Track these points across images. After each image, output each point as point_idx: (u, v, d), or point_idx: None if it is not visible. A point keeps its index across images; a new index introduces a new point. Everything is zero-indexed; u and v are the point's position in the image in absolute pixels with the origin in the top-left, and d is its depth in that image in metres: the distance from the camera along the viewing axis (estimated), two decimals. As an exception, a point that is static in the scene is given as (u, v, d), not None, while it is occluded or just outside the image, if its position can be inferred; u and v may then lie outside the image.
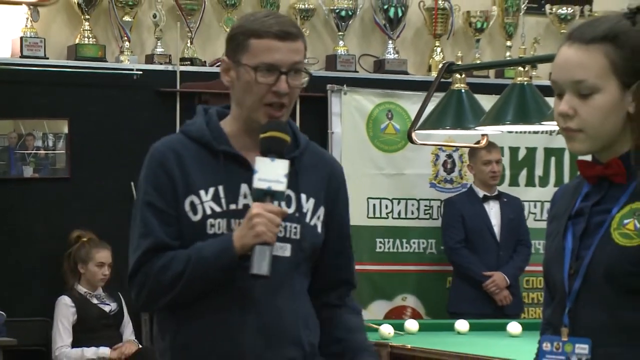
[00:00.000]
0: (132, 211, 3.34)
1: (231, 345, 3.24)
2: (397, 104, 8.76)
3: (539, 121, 6.45)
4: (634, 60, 2.83)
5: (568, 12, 9.30)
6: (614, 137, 2.87)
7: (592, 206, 2.91)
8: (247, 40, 3.27)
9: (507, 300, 8.39)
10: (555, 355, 2.91)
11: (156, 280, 3.22)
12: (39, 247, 8.12)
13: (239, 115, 3.34)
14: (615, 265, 2.81)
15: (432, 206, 8.92)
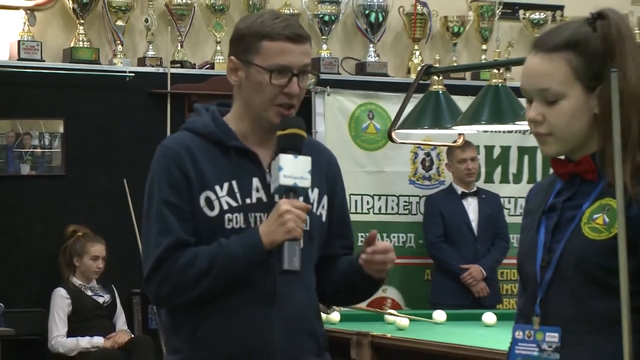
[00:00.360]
0: (145, 208, 3.22)
1: (258, 339, 3.15)
2: (377, 104, 8.77)
3: (512, 121, 6.46)
4: (595, 66, 2.83)
5: (540, 18, 9.33)
6: (583, 138, 2.88)
7: (564, 202, 2.92)
8: (259, 42, 3.20)
9: (483, 292, 8.40)
10: (527, 343, 2.92)
11: (180, 277, 3.11)
12: (35, 241, 8.12)
13: (246, 113, 3.26)
14: (585, 258, 2.82)
15: (411, 202, 8.92)
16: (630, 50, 2.83)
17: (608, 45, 2.83)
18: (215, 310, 3.13)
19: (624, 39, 2.84)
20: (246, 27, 3.24)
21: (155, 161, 3.22)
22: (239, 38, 3.25)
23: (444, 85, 6.86)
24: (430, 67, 6.89)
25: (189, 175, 3.15)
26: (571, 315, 2.86)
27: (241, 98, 3.26)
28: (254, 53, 3.20)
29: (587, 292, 2.83)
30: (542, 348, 2.89)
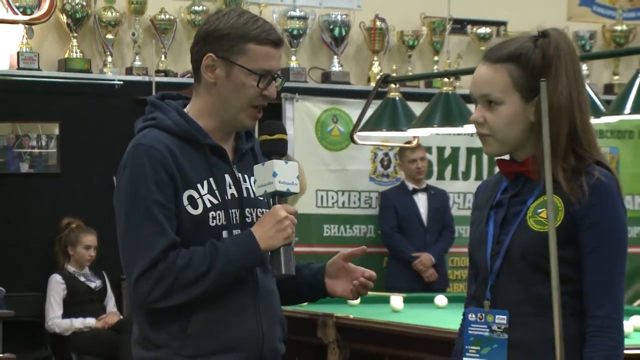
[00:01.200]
0: (124, 207, 2.94)
1: (248, 331, 2.96)
2: (341, 109, 8.78)
3: (461, 124, 6.49)
4: (533, 78, 2.86)
5: (486, 32, 9.34)
6: (520, 141, 2.92)
7: (510, 198, 2.95)
8: (246, 44, 2.95)
9: (433, 277, 8.43)
10: (479, 325, 2.93)
11: (177, 279, 2.86)
12: (33, 232, 8.11)
13: (216, 110, 3.01)
14: (530, 248, 2.85)
15: (371, 197, 8.94)
16: (565, 67, 2.86)
17: (546, 61, 2.87)
18: (205, 307, 2.91)
19: (560, 57, 2.87)
20: (229, 27, 2.97)
21: (136, 161, 2.93)
22: (220, 37, 2.97)
23: (400, 93, 6.88)
24: (388, 76, 6.91)
25: (173, 175, 2.91)
26: (518, 299, 2.88)
27: (214, 95, 3.00)
28: (239, 54, 2.95)
29: (532, 278, 2.85)
30: (493, 329, 2.91)
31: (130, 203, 2.92)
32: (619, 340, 2.83)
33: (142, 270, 2.87)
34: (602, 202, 2.81)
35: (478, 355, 2.93)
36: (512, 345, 2.88)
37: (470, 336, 2.95)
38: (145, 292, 2.88)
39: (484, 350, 2.92)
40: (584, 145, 2.88)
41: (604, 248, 2.81)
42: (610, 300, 2.83)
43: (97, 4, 8.38)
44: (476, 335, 2.94)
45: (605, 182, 2.82)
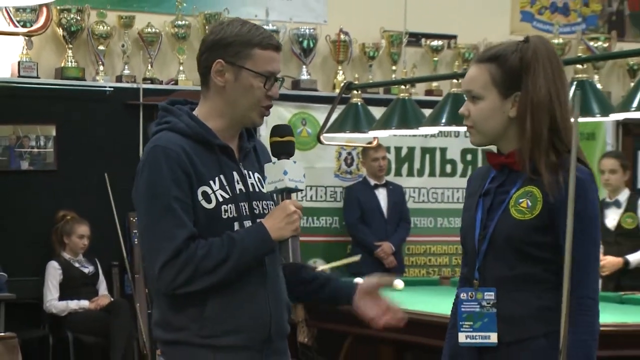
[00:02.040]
0: (146, 203, 2.91)
1: (258, 314, 2.94)
2: (309, 113, 8.79)
3: (416, 126, 6.52)
4: (509, 78, 2.91)
5: (438, 44, 9.36)
6: (498, 134, 2.95)
7: (496, 187, 2.98)
8: (252, 49, 2.93)
9: (392, 264, 8.44)
10: (470, 302, 2.96)
11: (198, 267, 2.83)
12: (33, 223, 8.08)
13: (226, 112, 2.98)
14: (512, 234, 2.89)
15: (336, 192, 8.94)
16: (544, 68, 2.89)
17: (524, 63, 2.90)
18: (220, 292, 2.89)
19: (538, 59, 2.90)
20: (235, 34, 2.94)
21: (155, 161, 2.90)
22: (227, 44, 2.93)
23: (362, 98, 6.91)
24: (351, 83, 6.93)
25: (188, 173, 2.88)
26: (503, 277, 2.92)
27: (224, 98, 2.97)
28: (245, 59, 2.93)
29: (515, 259, 2.89)
30: (482, 305, 2.94)
31: (151, 199, 2.89)
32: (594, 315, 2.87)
33: (166, 259, 2.85)
34: (577, 197, 2.81)
35: (472, 330, 2.96)
36: (501, 318, 2.91)
37: (463, 313, 2.98)
38: (169, 279, 2.85)
39: (476, 324, 2.95)
40: (564, 140, 2.89)
41: (579, 237, 2.77)
42: (587, 281, 2.85)
43: (90, 19, 8.35)
44: (468, 312, 2.97)
45: (581, 177, 2.81)
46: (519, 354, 2.89)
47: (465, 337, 2.97)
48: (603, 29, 9.95)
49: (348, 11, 9.08)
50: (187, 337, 2.90)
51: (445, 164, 9.27)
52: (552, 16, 9.84)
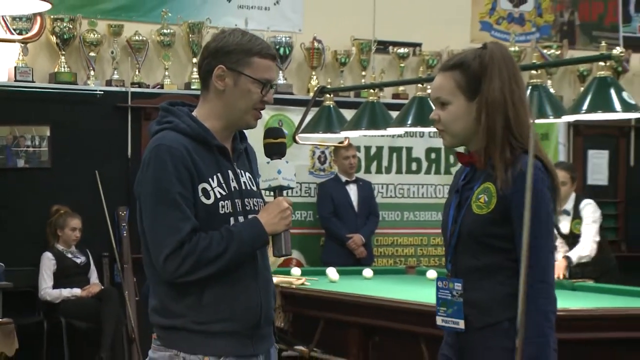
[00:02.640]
0: (152, 198, 2.90)
1: (250, 303, 2.95)
2: (285, 115, 8.79)
3: (384, 127, 6.54)
4: (473, 82, 2.93)
5: (404, 52, 9.38)
6: (469, 135, 2.96)
7: (464, 185, 3.01)
8: (251, 57, 2.95)
9: (363, 254, 8.46)
10: (445, 290, 3.01)
11: (200, 257, 2.85)
12: (28, 217, 8.05)
13: (224, 114, 3.00)
14: (474, 228, 2.92)
15: (310, 187, 8.95)
16: (499, 71, 2.92)
17: (483, 67, 2.92)
18: (216, 283, 2.90)
19: (495, 63, 2.93)
20: (237, 43, 2.95)
21: (159, 158, 2.89)
22: (228, 51, 2.95)
23: (334, 101, 6.93)
24: (324, 88, 6.96)
25: (190, 170, 2.89)
26: (470, 268, 2.95)
27: (223, 100, 2.98)
28: (245, 66, 2.95)
29: (479, 251, 2.92)
30: (453, 294, 2.98)
31: (157, 195, 2.89)
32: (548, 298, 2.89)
33: (171, 250, 2.86)
34: (524, 188, 2.82)
35: (445, 315, 3.01)
36: (469, 304, 2.94)
37: (439, 299, 3.02)
38: (173, 269, 2.87)
39: (449, 310, 3.00)
40: (517, 138, 2.91)
41: (533, 227, 2.77)
42: (540, 268, 2.87)
43: (82, 27, 8.34)
44: (443, 299, 3.02)
45: (534, 172, 2.83)
46: (487, 337, 2.92)
47: (441, 320, 3.02)
48: (555, 37, 10.00)
49: (321, 21, 9.08)
50: (184, 324, 2.91)
51: (411, 162, 9.30)
52: (509, 26, 9.88)
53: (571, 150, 9.81)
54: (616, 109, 4.96)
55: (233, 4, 8.92)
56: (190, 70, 8.62)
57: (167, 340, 2.95)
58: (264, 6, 9.03)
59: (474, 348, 2.95)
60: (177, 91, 8.40)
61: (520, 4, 9.96)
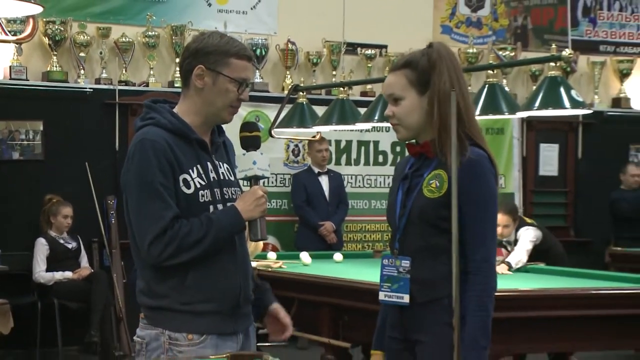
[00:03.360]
0: (137, 188, 2.89)
1: (230, 283, 2.94)
2: (262, 111, 8.77)
3: (353, 122, 6.54)
4: (423, 77, 2.95)
5: (372, 53, 9.40)
6: (421, 127, 2.98)
7: (412, 172, 3.02)
8: (229, 58, 2.93)
9: (333, 240, 8.47)
10: (390, 268, 3.01)
11: (181, 243, 2.84)
12: (23, 205, 8.02)
13: (202, 110, 2.98)
14: (425, 210, 2.93)
15: (285, 178, 8.94)
16: (447, 66, 2.94)
17: (431, 63, 2.95)
18: (198, 266, 2.90)
19: (442, 59, 2.95)
20: (215, 45, 2.94)
21: (144, 152, 2.88)
22: (208, 52, 2.94)
23: (307, 99, 6.91)
24: (298, 86, 6.93)
25: (172, 162, 2.87)
26: (418, 247, 2.96)
27: (202, 98, 2.96)
28: (224, 66, 2.93)
29: (427, 232, 2.93)
30: (399, 271, 2.98)
31: (141, 185, 2.88)
32: (490, 277, 2.91)
33: (154, 236, 2.85)
34: (472, 175, 2.88)
35: (390, 290, 3.01)
36: (415, 281, 2.96)
37: (384, 276, 3.02)
38: (157, 254, 2.86)
39: (394, 286, 2.99)
40: (467, 128, 2.94)
41: (478, 210, 2.88)
42: (484, 248, 2.90)
43: (72, 29, 8.30)
44: (388, 275, 3.01)
45: (475, 159, 2.89)
46: (429, 311, 2.95)
47: (384, 295, 3.03)
48: (510, 40, 10.04)
49: (295, 24, 9.08)
50: (169, 304, 2.91)
51: (378, 155, 9.32)
52: (467, 29, 9.91)
53: (524, 144, 9.86)
54: (565, 106, 4.99)
55: (213, 8, 8.90)
56: (173, 70, 8.60)
57: (154, 319, 2.94)
58: (242, 10, 9.02)
59: (417, 322, 2.97)
60: (161, 89, 8.38)
61: (478, 9, 9.99)
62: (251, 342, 3.07)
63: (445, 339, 2.81)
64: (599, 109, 10.02)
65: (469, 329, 2.83)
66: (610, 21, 10.54)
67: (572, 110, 5.11)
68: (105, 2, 8.52)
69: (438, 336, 2.91)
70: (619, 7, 10.58)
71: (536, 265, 6.24)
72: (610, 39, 10.53)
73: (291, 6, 9.11)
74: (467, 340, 2.82)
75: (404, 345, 3.03)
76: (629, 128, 10.23)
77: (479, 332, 2.85)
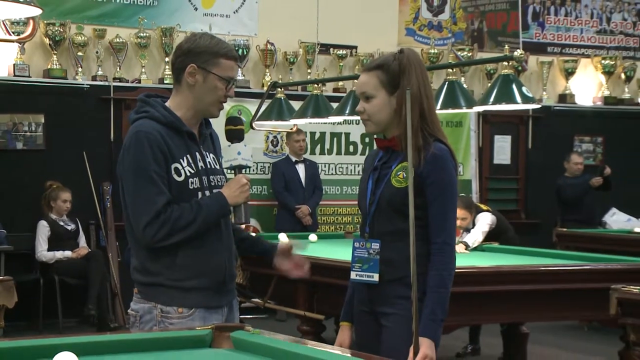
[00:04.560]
0: (132, 176, 2.87)
1: (217, 262, 2.95)
2: (244, 105, 8.75)
3: (326, 116, 6.54)
4: (393, 80, 2.96)
5: (343, 53, 9.39)
6: (388, 123, 2.99)
7: (382, 164, 3.03)
8: (219, 58, 2.92)
9: (309, 222, 8.47)
10: (361, 250, 3.01)
11: (174, 225, 2.84)
12: (27, 190, 7.96)
13: (192, 105, 2.96)
14: (393, 198, 2.94)
15: (265, 166, 8.93)
16: (415, 71, 2.96)
17: (401, 68, 2.96)
18: (189, 245, 2.90)
19: (411, 64, 2.96)
20: (205, 46, 2.92)
21: (139, 143, 2.87)
22: (199, 52, 2.92)
23: (285, 94, 6.89)
24: (276, 83, 6.92)
25: (165, 153, 2.86)
26: (386, 231, 2.97)
27: (193, 94, 2.95)
28: (213, 66, 2.92)
29: (395, 217, 2.95)
30: (370, 252, 2.99)
31: (137, 173, 2.87)
32: (450, 257, 2.94)
33: (149, 220, 2.84)
34: (436, 167, 2.91)
35: (360, 270, 3.01)
36: (383, 262, 2.97)
37: (355, 257, 3.03)
38: (151, 235, 2.86)
39: (364, 266, 2.99)
40: (429, 126, 2.96)
41: (440, 198, 2.91)
42: (445, 232, 2.93)
43: (71, 31, 8.25)
44: (359, 257, 3.01)
45: (438, 154, 2.93)
46: (395, 288, 2.96)
47: (355, 275, 3.03)
48: (467, 42, 10.06)
49: (273, 27, 9.05)
50: (162, 281, 2.91)
51: (349, 145, 9.32)
52: (429, 32, 9.92)
53: (480, 135, 9.90)
54: (517, 101, 5.00)
55: (199, 12, 8.87)
56: (163, 68, 8.57)
57: (147, 294, 2.94)
58: (225, 14, 8.99)
59: (382, 297, 2.99)
60: (152, 85, 8.34)
61: (439, 14, 10.00)
62: (235, 314, 3.07)
63: (407, 312, 2.83)
64: (547, 104, 10.08)
65: (428, 302, 2.87)
66: (557, 25, 10.59)
67: (523, 105, 5.13)
68: (101, 6, 8.47)
69: (401, 308, 2.93)
70: (565, 13, 10.63)
71: (491, 244, 6.27)
72: (557, 41, 10.58)
73: (270, 10, 9.08)
74: (427, 312, 2.86)
75: (371, 317, 3.05)
76: (574, 121, 10.30)
77: (438, 306, 2.88)
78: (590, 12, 10.75)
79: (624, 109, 10.54)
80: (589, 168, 9.78)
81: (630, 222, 9.58)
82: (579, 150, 10.20)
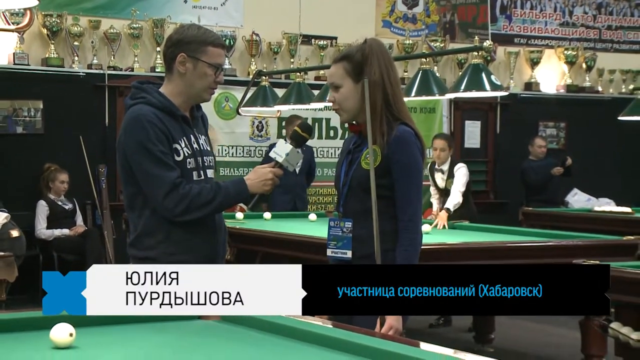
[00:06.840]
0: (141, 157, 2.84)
1: (210, 238, 2.96)
2: (230, 92, 8.72)
3: (308, 102, 6.54)
4: (357, 69, 2.97)
5: (324, 43, 9.36)
6: (357, 110, 2.99)
7: (354, 148, 3.05)
8: (206, 47, 2.91)
9: (304, 202, 8.44)
10: (336, 228, 3.03)
11: (193, 201, 2.83)
12: (27, 172, 7.91)
13: (185, 92, 2.95)
14: (362, 179, 2.95)
15: (251, 150, 8.92)
16: (378, 60, 2.96)
17: (364, 57, 2.96)
18: (182, 221, 2.89)
19: (374, 53, 2.96)
20: (193, 35, 2.92)
21: (141, 126, 2.85)
22: (188, 42, 2.92)
23: (269, 82, 6.88)
24: (261, 71, 6.91)
25: (165, 134, 2.86)
26: (358, 210, 2.98)
27: (184, 81, 2.94)
28: (202, 54, 2.91)
29: (365, 197, 2.93)
30: (343, 231, 3.01)
31: (144, 154, 2.85)
32: (416, 233, 2.95)
33: (167, 190, 2.83)
34: (400, 148, 2.92)
35: (335, 247, 3.03)
36: (355, 239, 2.99)
37: (331, 235, 3.04)
38: (171, 207, 2.85)
39: (338, 244, 3.01)
40: (394, 111, 2.96)
41: (405, 177, 2.93)
42: (410, 209, 2.94)
43: (68, 22, 8.20)
44: (334, 235, 3.03)
45: (402, 135, 2.94)
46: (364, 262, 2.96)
47: (331, 252, 3.05)
48: (440, 33, 10.06)
49: (258, 18, 9.01)
50: (156, 255, 2.91)
51: (330, 130, 9.32)
52: (404, 24, 9.91)
53: (452, 121, 9.91)
54: (486, 89, 5.02)
55: (189, 4, 8.82)
56: (155, 57, 8.52)
57: None
58: (213, 6, 8.95)
59: None
60: (144, 73, 8.29)
61: (413, 7, 9.99)
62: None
63: None
64: (514, 92, 10.10)
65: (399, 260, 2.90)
66: (523, 18, 10.60)
67: (492, 93, 5.14)
68: (95, -2, 8.41)
69: None
70: (530, 6, 10.64)
71: (461, 222, 6.30)
72: (523, 32, 10.59)
73: (255, 3, 9.04)
74: None
75: None
76: (538, 108, 10.34)
77: None
78: (554, 5, 10.77)
79: (585, 96, 10.59)
80: (553, 151, 9.82)
81: (590, 201, 9.64)
82: (543, 134, 10.24)
